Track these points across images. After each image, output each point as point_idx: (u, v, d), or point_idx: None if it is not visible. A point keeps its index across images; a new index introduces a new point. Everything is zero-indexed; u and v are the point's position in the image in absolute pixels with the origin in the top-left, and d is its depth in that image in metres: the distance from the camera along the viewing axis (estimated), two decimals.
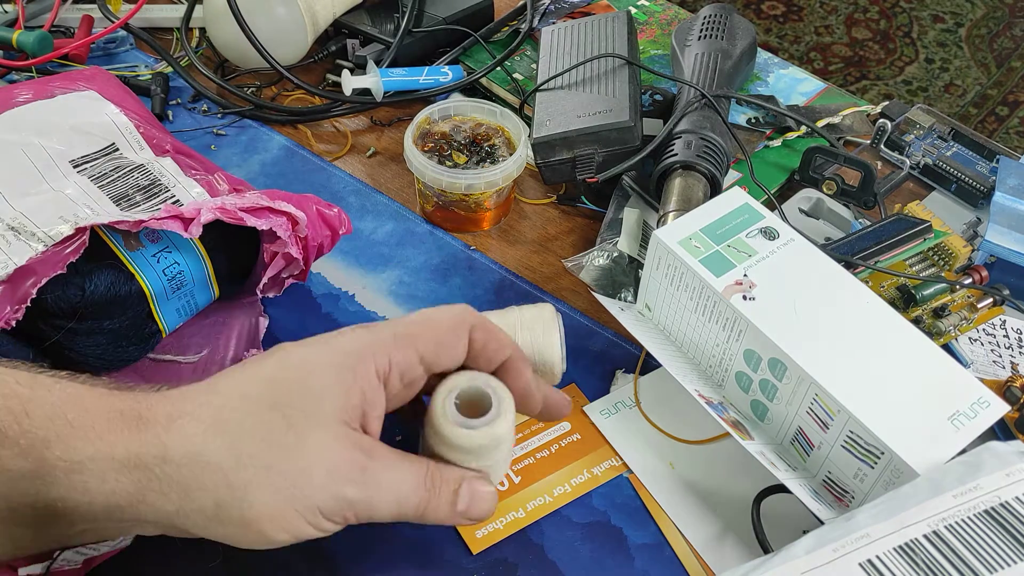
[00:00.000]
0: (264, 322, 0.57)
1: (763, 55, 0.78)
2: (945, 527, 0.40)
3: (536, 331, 0.50)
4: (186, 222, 0.49)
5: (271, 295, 0.58)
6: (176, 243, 0.52)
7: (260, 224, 0.51)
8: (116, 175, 0.53)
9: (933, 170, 0.68)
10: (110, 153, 0.55)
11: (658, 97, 0.71)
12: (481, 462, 0.45)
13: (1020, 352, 0.56)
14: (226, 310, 0.58)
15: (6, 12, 0.79)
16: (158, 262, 0.52)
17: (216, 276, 0.55)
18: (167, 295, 0.52)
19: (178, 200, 0.54)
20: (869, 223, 0.61)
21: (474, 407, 0.45)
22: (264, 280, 0.55)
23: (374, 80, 0.72)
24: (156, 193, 0.54)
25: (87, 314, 0.50)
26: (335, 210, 0.57)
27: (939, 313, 0.56)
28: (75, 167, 0.54)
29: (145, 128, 0.58)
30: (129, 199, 0.53)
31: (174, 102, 0.75)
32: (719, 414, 0.50)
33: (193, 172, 0.57)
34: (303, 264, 0.56)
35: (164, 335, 0.54)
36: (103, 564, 0.46)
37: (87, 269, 0.49)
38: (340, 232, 0.57)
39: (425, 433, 0.46)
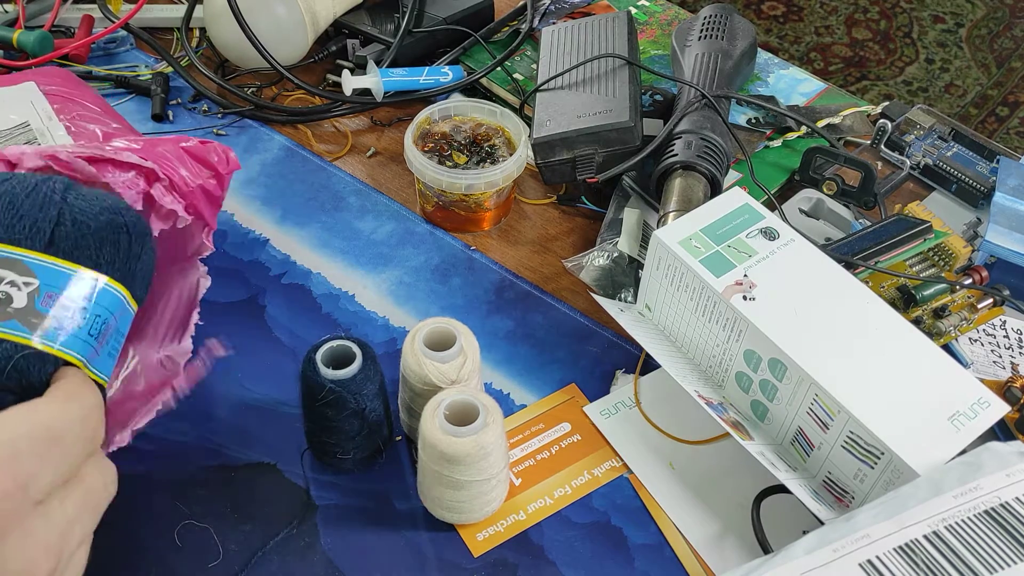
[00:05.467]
0: (205, 283, 0.51)
1: (763, 55, 0.78)
2: (945, 527, 0.40)
3: None
4: (9, 166, 0.45)
5: (203, 257, 0.52)
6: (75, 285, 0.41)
7: (101, 176, 0.45)
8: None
9: (933, 170, 0.68)
10: (21, 127, 0.54)
11: (658, 97, 0.71)
12: (470, 472, 0.46)
13: (1020, 352, 0.56)
14: (160, 280, 0.50)
15: (6, 12, 0.79)
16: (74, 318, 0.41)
17: (132, 295, 0.45)
18: (96, 352, 0.42)
19: None
20: (869, 223, 0.61)
21: (464, 420, 0.46)
22: (156, 232, 0.47)
23: (374, 80, 0.72)
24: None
25: None
26: (209, 145, 0.50)
27: (939, 313, 0.56)
28: None
29: (71, 105, 0.57)
30: None
31: (174, 102, 0.75)
32: (719, 414, 0.50)
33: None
34: (186, 213, 0.48)
35: (106, 386, 0.44)
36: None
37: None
38: (224, 172, 0.50)
39: (419, 446, 0.48)
